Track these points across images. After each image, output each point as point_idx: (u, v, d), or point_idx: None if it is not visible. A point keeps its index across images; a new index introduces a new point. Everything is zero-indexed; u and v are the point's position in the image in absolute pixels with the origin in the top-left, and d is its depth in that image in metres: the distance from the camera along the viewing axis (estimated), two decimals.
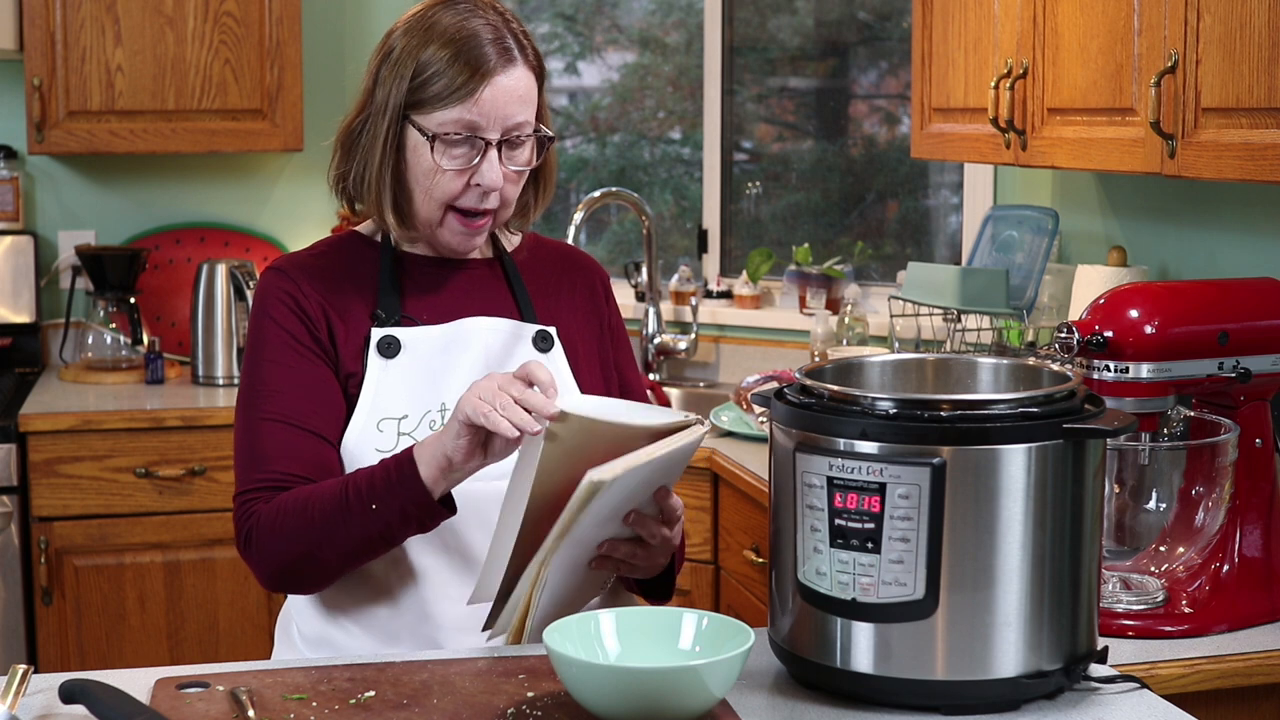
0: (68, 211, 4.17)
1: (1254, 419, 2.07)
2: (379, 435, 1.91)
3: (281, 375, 1.93)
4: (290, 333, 1.94)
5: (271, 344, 1.94)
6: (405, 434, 1.92)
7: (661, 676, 1.50)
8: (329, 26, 4.26)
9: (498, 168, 1.92)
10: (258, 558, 1.88)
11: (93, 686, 1.56)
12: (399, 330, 1.95)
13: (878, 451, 1.59)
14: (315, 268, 1.99)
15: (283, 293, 1.96)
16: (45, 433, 3.52)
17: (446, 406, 1.94)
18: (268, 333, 1.95)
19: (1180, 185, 2.91)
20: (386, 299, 1.97)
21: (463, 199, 1.93)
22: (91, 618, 3.57)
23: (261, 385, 1.93)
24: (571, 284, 2.11)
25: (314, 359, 1.94)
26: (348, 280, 1.99)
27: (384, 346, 1.94)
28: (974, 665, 1.60)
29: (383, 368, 1.94)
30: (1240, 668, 1.95)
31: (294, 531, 1.83)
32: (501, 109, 1.90)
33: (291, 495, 1.86)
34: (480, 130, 1.90)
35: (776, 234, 4.35)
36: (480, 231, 1.97)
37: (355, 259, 2.02)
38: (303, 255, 2.03)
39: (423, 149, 1.91)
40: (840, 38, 4.29)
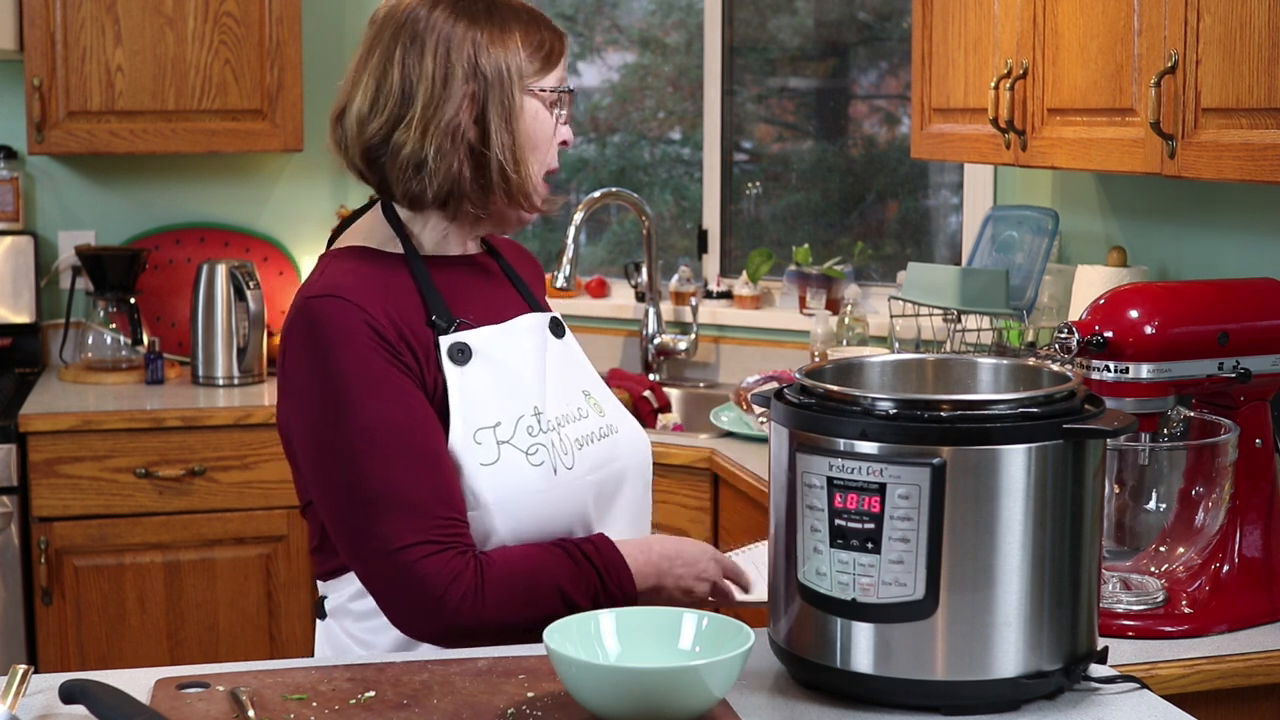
0: (68, 211, 4.17)
1: (1254, 419, 2.07)
2: (479, 448, 1.83)
3: (392, 409, 1.79)
4: (382, 359, 1.81)
5: (371, 378, 1.80)
6: (504, 442, 1.85)
7: (661, 676, 1.50)
8: (329, 26, 4.27)
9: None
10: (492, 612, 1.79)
11: (93, 686, 1.56)
12: (463, 335, 1.89)
13: (878, 452, 1.59)
14: (363, 288, 1.85)
15: (357, 322, 1.81)
16: (45, 433, 3.52)
17: (539, 409, 1.90)
18: (361, 366, 1.80)
19: (1180, 185, 2.91)
20: (435, 304, 1.89)
21: (551, 157, 1.98)
22: (91, 618, 3.57)
23: (377, 424, 1.78)
24: (532, 271, 2.14)
25: (410, 384, 1.82)
26: (392, 293, 1.88)
27: (455, 354, 1.87)
28: (974, 665, 1.60)
29: (460, 376, 1.87)
30: (1240, 668, 1.95)
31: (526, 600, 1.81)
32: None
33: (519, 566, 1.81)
34: (565, 84, 1.97)
35: (776, 234, 4.35)
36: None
37: (383, 271, 1.90)
38: (344, 280, 1.86)
39: (543, 115, 1.93)
40: (840, 38, 4.29)
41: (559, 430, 1.92)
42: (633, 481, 2.01)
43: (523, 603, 1.80)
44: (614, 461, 1.98)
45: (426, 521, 1.77)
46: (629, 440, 2.02)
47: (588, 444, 1.95)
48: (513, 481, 1.85)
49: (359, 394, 1.79)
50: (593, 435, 1.96)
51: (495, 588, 1.79)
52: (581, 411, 1.97)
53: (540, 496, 1.86)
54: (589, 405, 1.99)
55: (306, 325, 1.83)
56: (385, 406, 1.80)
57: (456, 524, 1.80)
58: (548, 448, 1.89)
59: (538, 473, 1.87)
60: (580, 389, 2.00)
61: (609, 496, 1.97)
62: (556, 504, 1.89)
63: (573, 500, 1.91)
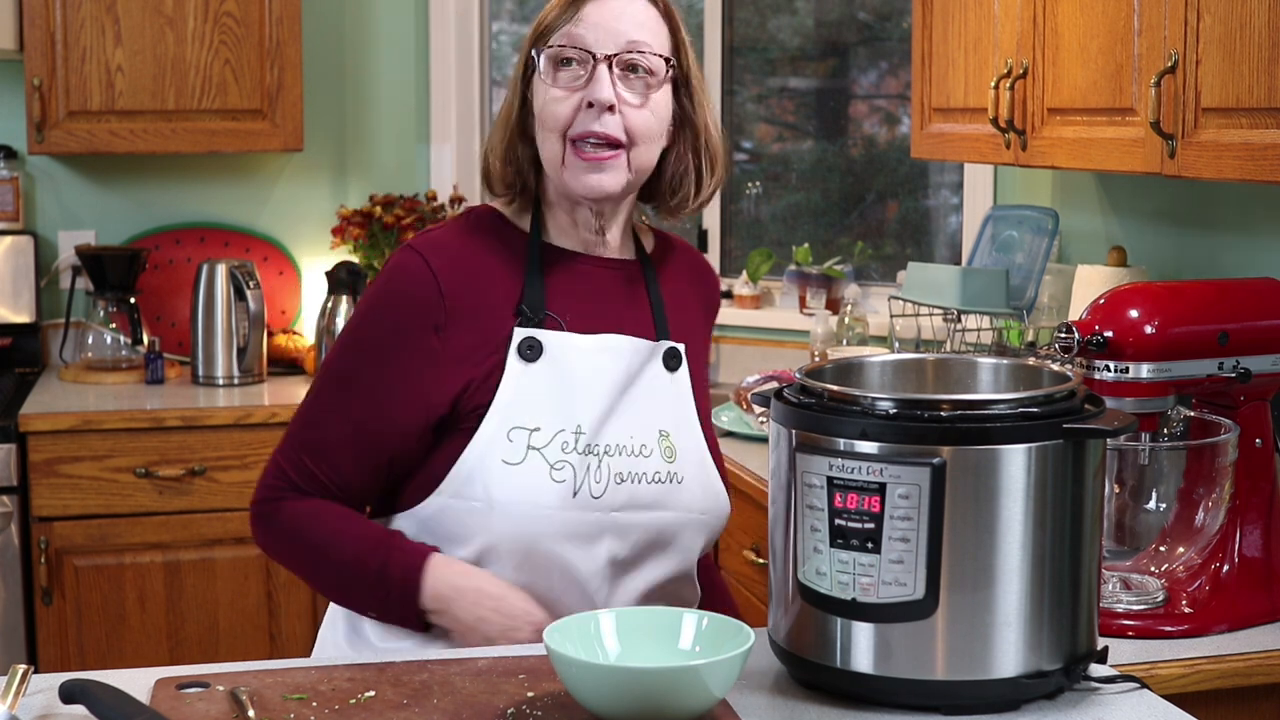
0: (68, 211, 4.17)
1: (1254, 419, 2.07)
2: (508, 445, 1.82)
3: (374, 375, 1.86)
4: (400, 327, 1.85)
5: (379, 332, 1.86)
6: (535, 448, 1.83)
7: (661, 676, 1.50)
8: (329, 26, 4.26)
9: (608, 83, 1.84)
10: (264, 540, 1.95)
11: (93, 686, 1.56)
12: (544, 334, 1.86)
13: (878, 451, 1.59)
14: (457, 251, 1.89)
15: (411, 279, 1.86)
16: (45, 433, 3.52)
17: (582, 429, 1.85)
18: (379, 317, 1.87)
19: (1180, 185, 2.91)
20: (533, 294, 1.88)
21: (575, 125, 1.85)
22: (91, 618, 3.57)
23: (352, 375, 1.87)
24: (695, 297, 2.05)
25: (415, 359, 1.85)
26: (491, 266, 1.89)
27: (525, 349, 1.85)
28: (974, 665, 1.60)
29: (521, 371, 1.85)
30: (1240, 668, 1.95)
31: (301, 559, 1.93)
32: (609, 24, 1.85)
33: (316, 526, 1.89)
34: (587, 45, 1.85)
35: (776, 234, 4.35)
36: (605, 167, 1.86)
37: (500, 242, 1.91)
38: (446, 235, 1.91)
39: (539, 80, 1.87)
40: (840, 38, 4.29)
41: (602, 457, 1.86)
42: (684, 537, 1.92)
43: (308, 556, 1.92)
44: (661, 510, 1.89)
45: (307, 468, 1.88)
46: (693, 496, 1.92)
47: (632, 481, 1.87)
48: (527, 488, 1.83)
49: (359, 336, 1.88)
50: (644, 475, 1.87)
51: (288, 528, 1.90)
52: (645, 450, 1.89)
53: (549, 512, 1.83)
54: (659, 446, 1.90)
55: (386, 266, 1.91)
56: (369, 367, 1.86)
57: (328, 489, 1.88)
58: (575, 468, 1.84)
59: (555, 488, 1.83)
60: (658, 427, 1.90)
61: (647, 542, 1.89)
62: (565, 525, 1.84)
63: (586, 528, 1.85)
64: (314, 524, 1.89)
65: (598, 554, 1.86)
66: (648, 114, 1.88)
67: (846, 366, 1.83)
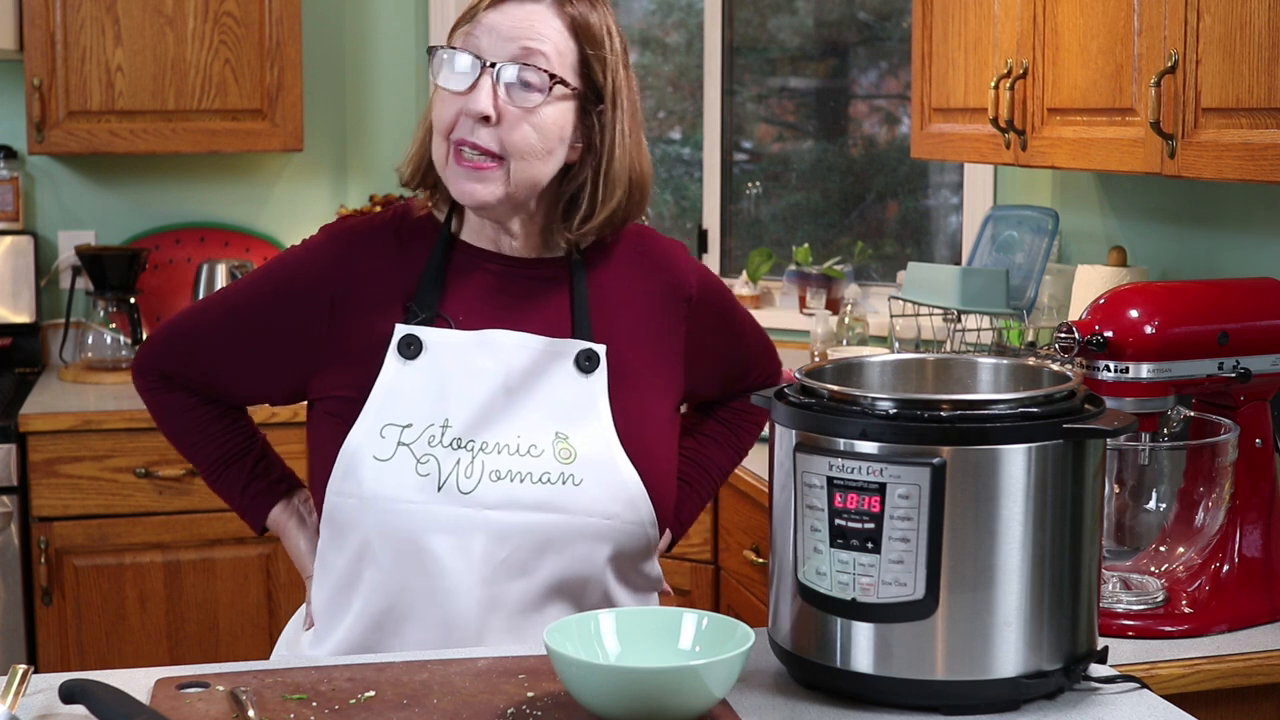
0: (68, 211, 4.17)
1: (1254, 419, 2.07)
2: (380, 442, 1.82)
3: (257, 325, 1.93)
4: (290, 301, 1.91)
5: (271, 299, 1.93)
6: (405, 444, 1.82)
7: (661, 676, 1.50)
8: (329, 26, 4.27)
9: (488, 93, 1.79)
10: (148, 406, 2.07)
11: (93, 686, 1.56)
12: (424, 330, 1.85)
13: (878, 451, 1.59)
14: (368, 242, 1.91)
15: (314, 260, 1.92)
16: (45, 433, 3.52)
17: (450, 423, 1.83)
18: (276, 284, 1.94)
19: (1180, 185, 2.91)
20: (426, 293, 1.87)
21: (456, 130, 1.81)
22: (91, 618, 3.57)
23: (240, 311, 1.95)
24: (650, 289, 1.96)
25: (295, 335, 1.91)
26: (395, 261, 1.89)
27: (404, 346, 1.85)
28: (974, 665, 1.60)
29: (398, 369, 1.84)
30: (1240, 668, 1.95)
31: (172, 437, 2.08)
32: (505, 31, 1.80)
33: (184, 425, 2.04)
34: (478, 50, 1.80)
35: (776, 234, 4.35)
36: (482, 177, 1.81)
37: (414, 236, 1.92)
38: (363, 225, 1.94)
39: (432, 79, 1.85)
40: (840, 38, 4.29)
41: (476, 453, 1.82)
42: (580, 542, 1.85)
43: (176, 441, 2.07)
44: (550, 512, 1.83)
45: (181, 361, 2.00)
46: (592, 500, 1.84)
47: (512, 480, 1.82)
48: (392, 482, 1.82)
49: (258, 280, 1.96)
50: (528, 475, 1.82)
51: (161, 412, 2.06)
52: (535, 450, 1.84)
53: (413, 506, 1.81)
54: (553, 447, 1.84)
55: (303, 241, 1.97)
56: (253, 307, 1.94)
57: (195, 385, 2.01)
58: (441, 461, 1.82)
59: (419, 481, 1.81)
60: (555, 429, 1.85)
61: (532, 544, 1.83)
62: (433, 520, 1.81)
63: (455, 523, 1.81)
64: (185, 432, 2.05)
65: (471, 552, 1.82)
66: (528, 129, 1.81)
67: (846, 366, 1.83)
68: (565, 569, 1.86)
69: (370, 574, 1.86)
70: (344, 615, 1.89)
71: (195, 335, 1.99)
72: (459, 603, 1.83)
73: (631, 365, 1.91)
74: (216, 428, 2.03)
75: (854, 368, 1.84)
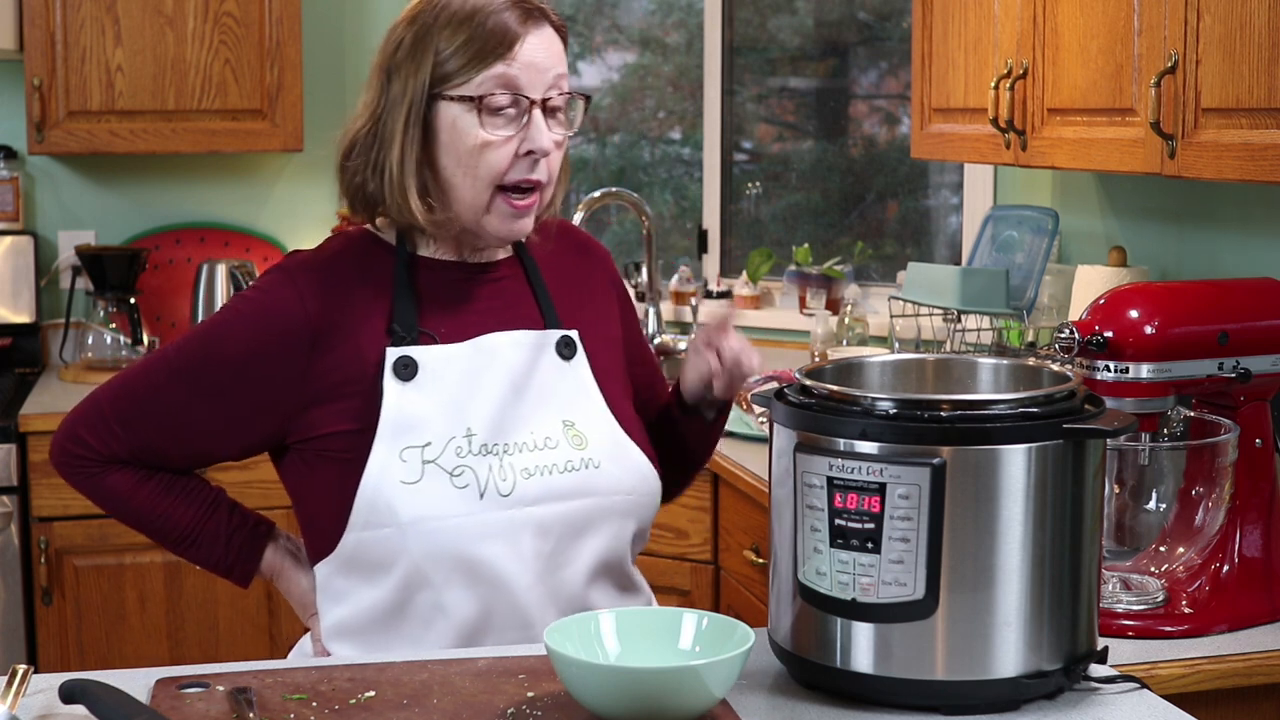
0: (68, 211, 4.17)
1: (1254, 419, 2.07)
2: (403, 466, 1.80)
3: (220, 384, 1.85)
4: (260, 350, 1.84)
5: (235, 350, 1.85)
6: (429, 462, 1.81)
7: (661, 676, 1.50)
8: (329, 26, 4.27)
9: (545, 129, 1.82)
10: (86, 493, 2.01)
11: (93, 686, 1.56)
12: (417, 350, 1.83)
13: (878, 451, 1.59)
14: (328, 273, 1.87)
15: (278, 301, 1.85)
16: (45, 433, 3.51)
17: (473, 431, 1.82)
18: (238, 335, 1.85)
19: (1180, 185, 2.91)
20: (402, 313, 1.85)
21: (511, 173, 1.82)
22: (91, 618, 3.57)
23: (193, 374, 1.86)
24: (589, 275, 2.01)
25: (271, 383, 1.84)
26: (361, 288, 1.87)
27: (400, 368, 1.82)
28: (974, 665, 1.60)
29: (400, 391, 1.82)
30: (1240, 668, 1.95)
31: (131, 520, 2.00)
32: (540, 64, 1.81)
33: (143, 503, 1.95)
34: (522, 89, 1.80)
35: (776, 234, 4.35)
36: (529, 213, 1.85)
37: (370, 262, 1.89)
38: (317, 257, 1.89)
39: (463, 123, 1.80)
40: (840, 38, 4.29)
41: (503, 456, 1.83)
42: (610, 522, 1.89)
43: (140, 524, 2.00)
44: (580, 498, 1.86)
45: (121, 442, 1.91)
46: (613, 479, 1.88)
47: (542, 474, 1.84)
48: (431, 501, 1.80)
49: (209, 340, 1.87)
50: (553, 467, 1.85)
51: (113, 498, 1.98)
52: (550, 442, 1.86)
53: (460, 520, 1.80)
54: (565, 436, 1.87)
55: (254, 285, 1.90)
56: (214, 380, 1.86)
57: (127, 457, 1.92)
58: (476, 470, 1.82)
59: (460, 494, 1.81)
60: (561, 418, 1.88)
61: (570, 533, 1.86)
62: (480, 529, 1.81)
63: (504, 527, 1.82)
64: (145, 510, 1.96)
65: (523, 552, 1.83)
66: (563, 150, 1.87)
67: (846, 366, 1.83)
68: (601, 551, 1.89)
69: (424, 598, 1.84)
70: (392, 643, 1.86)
71: (143, 411, 1.89)
72: (524, 603, 1.84)
73: (597, 345, 1.96)
74: (176, 493, 1.94)
75: (854, 368, 1.84)
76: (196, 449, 1.92)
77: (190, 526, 1.95)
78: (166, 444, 1.91)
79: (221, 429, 1.88)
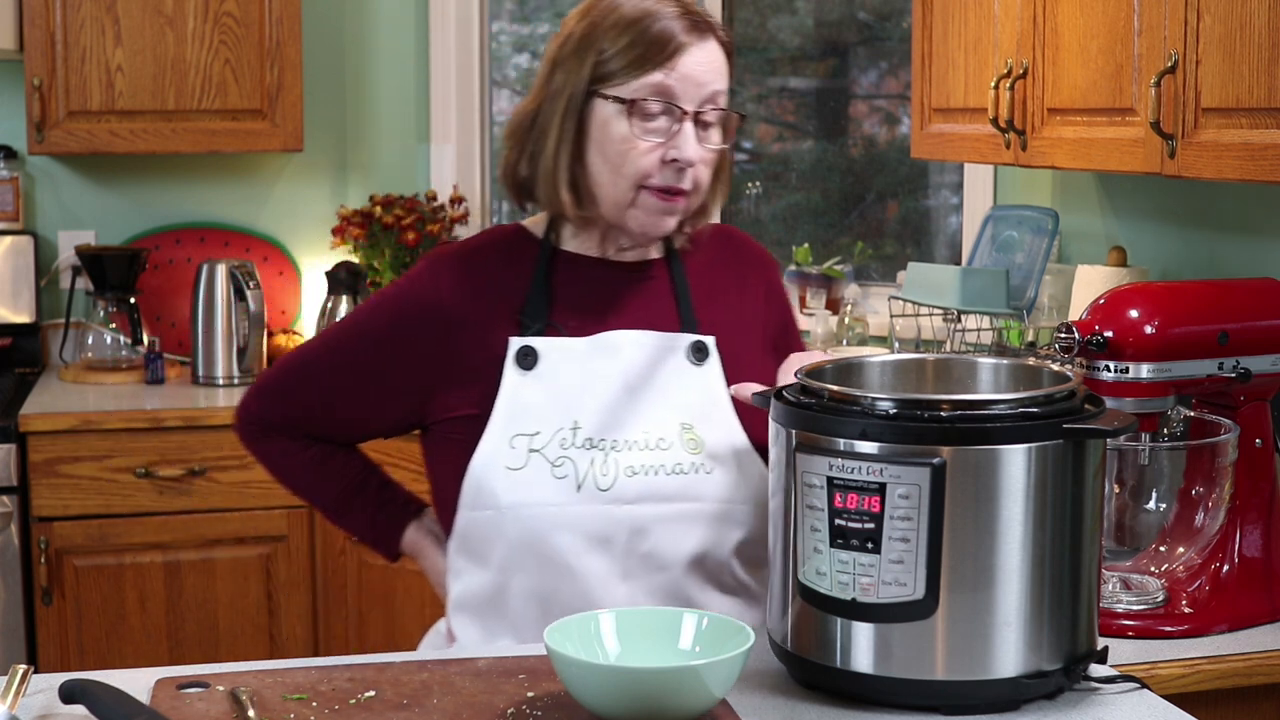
0: (68, 211, 4.17)
1: (1254, 419, 2.07)
2: (511, 452, 1.86)
3: (366, 366, 1.96)
4: (401, 335, 1.93)
5: (381, 335, 1.95)
6: (535, 451, 1.86)
7: (661, 676, 1.50)
8: (329, 26, 4.26)
9: (695, 142, 1.86)
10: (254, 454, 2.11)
11: (93, 686, 1.56)
12: (539, 341, 1.89)
13: (878, 451, 1.59)
14: (470, 263, 1.95)
15: (421, 289, 1.94)
16: (45, 433, 3.52)
17: (579, 425, 1.87)
18: (383, 320, 1.96)
19: (1180, 185, 2.91)
20: (535, 304, 1.91)
21: (656, 177, 1.86)
22: (91, 618, 3.57)
23: (346, 359, 1.98)
24: (743, 282, 2.03)
25: (410, 367, 1.93)
26: (500, 279, 1.94)
27: (521, 357, 1.88)
28: (974, 665, 1.60)
29: (519, 380, 1.88)
30: (1240, 668, 1.95)
31: (287, 482, 2.11)
32: (698, 77, 1.85)
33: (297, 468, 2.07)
34: (676, 99, 1.84)
35: (776, 234, 4.35)
36: (673, 211, 1.89)
37: (515, 254, 1.95)
38: (464, 248, 1.98)
39: (615, 123, 1.84)
40: (840, 38, 4.29)
41: (609, 452, 1.87)
42: (713, 528, 1.89)
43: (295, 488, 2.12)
44: (685, 501, 1.88)
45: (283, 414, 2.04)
46: (722, 487, 1.89)
47: (647, 474, 1.87)
48: (529, 489, 1.85)
49: (361, 320, 1.99)
50: (660, 467, 1.87)
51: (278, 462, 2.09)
52: (664, 443, 1.88)
53: (552, 509, 1.85)
54: (680, 438, 1.89)
55: (406, 273, 2.00)
56: (357, 354, 1.97)
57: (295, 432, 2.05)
58: (577, 463, 1.86)
59: (558, 484, 1.85)
60: (680, 420, 1.90)
61: (670, 535, 1.88)
62: (575, 520, 1.85)
63: (598, 522, 1.85)
64: (300, 475, 2.09)
65: (614, 548, 1.87)
66: (713, 165, 1.91)
67: (846, 366, 1.83)
68: (702, 557, 1.90)
69: (521, 582, 1.88)
70: (501, 625, 1.91)
71: (300, 386, 2.03)
72: (601, 598, 1.86)
73: (737, 353, 1.97)
74: (332, 464, 2.07)
75: (854, 368, 1.84)
76: (345, 424, 2.03)
77: (338, 499, 2.08)
78: (319, 417, 2.03)
79: (363, 407, 1.99)
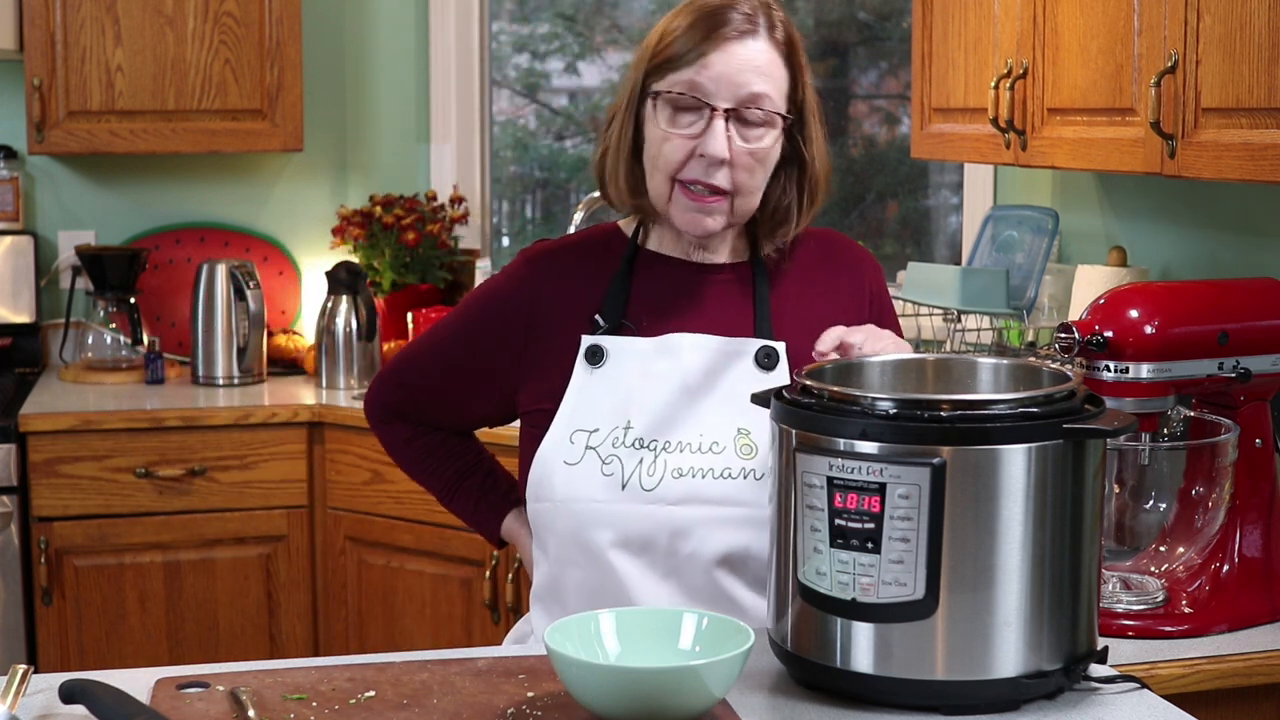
0: (68, 211, 4.17)
1: (1254, 419, 2.07)
2: (570, 447, 1.91)
3: (460, 356, 2.04)
4: (489, 327, 2.00)
5: (472, 329, 2.03)
6: (591, 448, 1.91)
7: (661, 676, 1.50)
8: (329, 26, 4.26)
9: (723, 138, 1.86)
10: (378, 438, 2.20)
11: (93, 686, 1.56)
12: (608, 339, 1.93)
13: (878, 451, 1.59)
14: (558, 260, 2.01)
15: (510, 284, 2.00)
16: (45, 433, 3.52)
17: (631, 424, 1.90)
18: (475, 313, 2.04)
19: (1180, 185, 2.91)
20: (612, 302, 1.96)
21: (685, 170, 1.88)
22: (91, 618, 3.57)
23: (445, 347, 2.06)
24: (835, 288, 2.05)
25: (495, 357, 2.00)
26: (585, 276, 1.98)
27: (590, 354, 1.93)
28: (974, 665, 1.60)
29: (586, 377, 1.93)
30: (1240, 668, 1.95)
31: (404, 466, 2.20)
32: (733, 75, 1.86)
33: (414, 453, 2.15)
34: (706, 95, 1.86)
35: None
36: (709, 211, 1.90)
37: (603, 252, 2.00)
38: (554, 245, 2.04)
39: (654, 117, 1.89)
40: (840, 38, 4.29)
41: (659, 452, 1.89)
42: (761, 532, 1.85)
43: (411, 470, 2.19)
44: (731, 505, 1.89)
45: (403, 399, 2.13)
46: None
47: (694, 476, 1.88)
48: (580, 484, 1.90)
49: (458, 317, 2.07)
50: (710, 471, 1.89)
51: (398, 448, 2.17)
52: (716, 446, 1.90)
53: (597, 505, 1.89)
54: (734, 443, 1.90)
55: (504, 267, 2.06)
56: (451, 346, 2.06)
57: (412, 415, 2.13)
58: (624, 461, 1.89)
59: (604, 481, 1.89)
60: (736, 425, 1.91)
61: (715, 537, 1.88)
62: (620, 518, 1.88)
63: (638, 521, 1.88)
64: (415, 460, 2.17)
65: (654, 548, 1.89)
66: (756, 165, 1.90)
67: (846, 366, 1.83)
68: (745, 560, 1.90)
69: (573, 574, 1.93)
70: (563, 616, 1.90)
71: (410, 375, 2.12)
72: (637, 596, 1.88)
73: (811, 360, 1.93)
74: (442, 452, 2.14)
75: (854, 368, 1.84)
76: (450, 412, 2.11)
77: (446, 485, 2.16)
78: (426, 405, 2.12)
79: (461, 398, 2.07)
